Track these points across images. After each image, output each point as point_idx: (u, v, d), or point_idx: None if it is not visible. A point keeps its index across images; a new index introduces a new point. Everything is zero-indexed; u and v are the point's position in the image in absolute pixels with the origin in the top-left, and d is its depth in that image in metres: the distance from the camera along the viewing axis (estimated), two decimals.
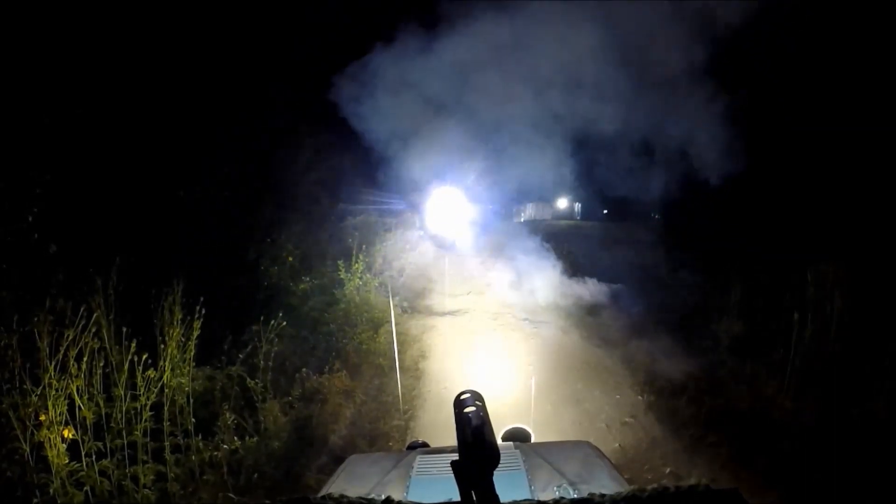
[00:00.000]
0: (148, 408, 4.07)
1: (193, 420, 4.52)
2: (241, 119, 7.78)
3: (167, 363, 4.27)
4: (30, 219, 4.61)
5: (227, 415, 4.81)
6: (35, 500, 3.48)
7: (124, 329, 3.99)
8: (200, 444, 4.53)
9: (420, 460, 2.28)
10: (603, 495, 0.87)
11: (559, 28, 7.97)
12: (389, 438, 5.95)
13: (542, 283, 12.13)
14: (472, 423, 0.97)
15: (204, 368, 5.17)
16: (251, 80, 8.23)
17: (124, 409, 3.97)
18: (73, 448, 3.70)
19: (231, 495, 4.43)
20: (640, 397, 6.66)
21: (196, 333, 4.51)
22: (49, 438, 3.53)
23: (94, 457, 3.79)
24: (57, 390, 3.58)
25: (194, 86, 7.18)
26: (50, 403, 3.54)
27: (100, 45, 6.17)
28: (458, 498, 0.89)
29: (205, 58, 7.38)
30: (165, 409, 4.26)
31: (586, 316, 10.27)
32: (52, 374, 3.55)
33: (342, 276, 8.71)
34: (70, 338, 3.62)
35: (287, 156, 9.20)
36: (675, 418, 6.06)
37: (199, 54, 7.29)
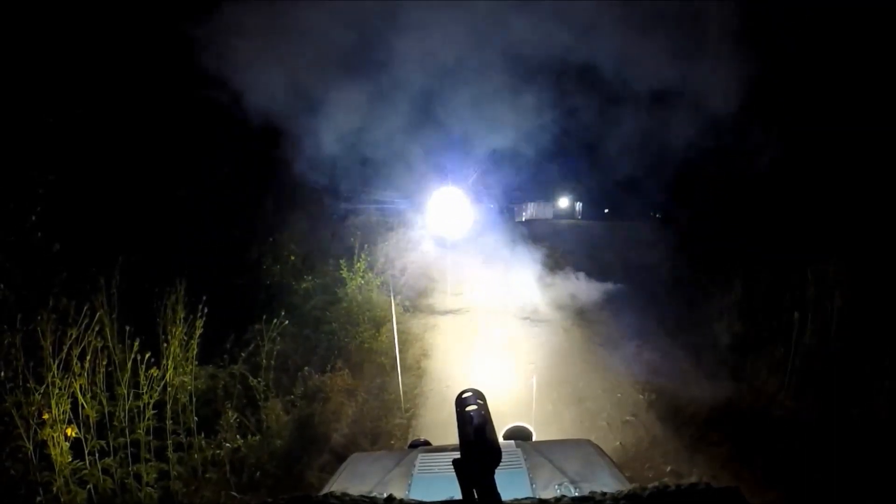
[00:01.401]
0: (151, 406, 4.09)
1: (196, 418, 4.54)
2: (242, 118, 7.77)
3: (170, 362, 4.29)
4: (33, 218, 4.61)
5: (230, 413, 4.83)
6: (38, 499, 3.49)
7: (127, 328, 4.01)
8: (203, 442, 4.55)
9: (422, 459, 2.29)
10: (604, 493, 0.88)
11: None
12: (391, 437, 5.97)
13: (543, 282, 12.15)
14: (473, 422, 0.98)
15: (206, 367, 5.18)
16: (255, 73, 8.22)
17: (127, 407, 3.98)
18: (76, 446, 3.72)
19: (233, 493, 4.45)
20: (640, 396, 6.67)
21: (198, 332, 4.53)
22: (52, 437, 3.55)
23: (97, 455, 3.81)
24: (60, 389, 3.59)
25: (196, 84, 7.18)
26: (53, 402, 3.56)
27: (100, 45, 6.18)
28: (459, 496, 0.89)
29: (206, 55, 7.38)
30: (168, 407, 4.28)
31: (587, 315, 10.27)
32: (56, 372, 3.57)
33: (344, 275, 8.72)
34: (73, 336, 3.63)
35: (289, 154, 9.19)
36: (676, 417, 6.07)
37: (201, 52, 7.29)
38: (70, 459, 3.64)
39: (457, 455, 0.91)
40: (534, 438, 3.09)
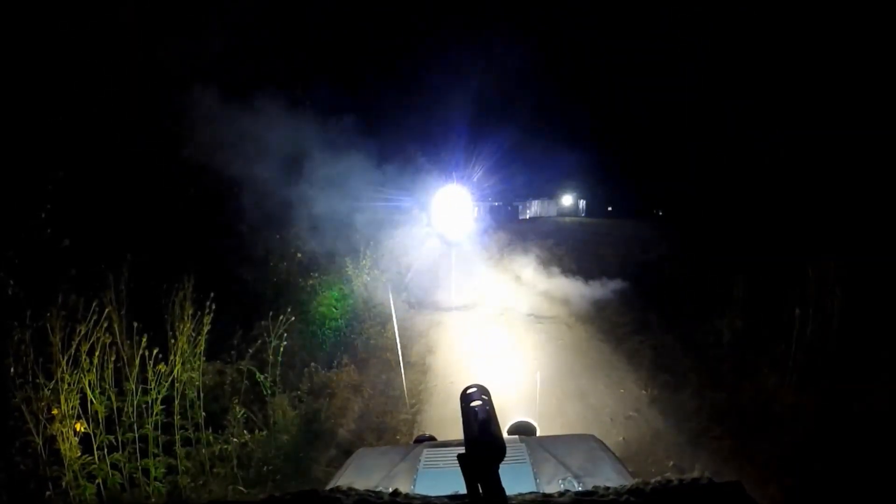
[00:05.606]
0: (159, 402, 4.12)
1: (203, 414, 4.57)
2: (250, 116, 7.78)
3: (178, 358, 4.31)
4: (42, 215, 4.65)
5: (237, 409, 4.86)
6: (48, 493, 3.54)
7: (135, 324, 4.03)
8: (211, 437, 4.58)
9: (427, 453, 2.31)
10: (607, 488, 0.89)
11: None
12: (397, 432, 6.00)
13: (546, 280, 12.18)
14: (478, 417, 0.99)
15: (214, 363, 5.22)
16: (261, 77, 8.22)
17: (135, 402, 4.02)
18: (84, 441, 3.76)
19: (241, 488, 4.48)
20: (643, 391, 6.68)
21: (206, 328, 4.55)
22: (61, 432, 3.59)
23: (105, 450, 3.84)
24: (69, 384, 3.63)
25: (200, 82, 7.19)
26: (62, 397, 3.60)
27: (104, 47, 6.20)
28: (464, 491, 0.90)
29: (211, 55, 7.38)
30: (176, 403, 4.31)
31: (590, 312, 10.28)
32: (65, 368, 3.60)
33: (350, 273, 8.74)
34: (82, 333, 3.66)
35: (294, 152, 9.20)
36: (679, 412, 6.08)
37: (205, 51, 7.30)
38: (79, 454, 3.68)
39: (461, 450, 0.92)
40: (538, 433, 3.10)
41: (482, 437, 0.94)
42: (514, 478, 1.90)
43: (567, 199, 38.91)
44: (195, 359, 4.52)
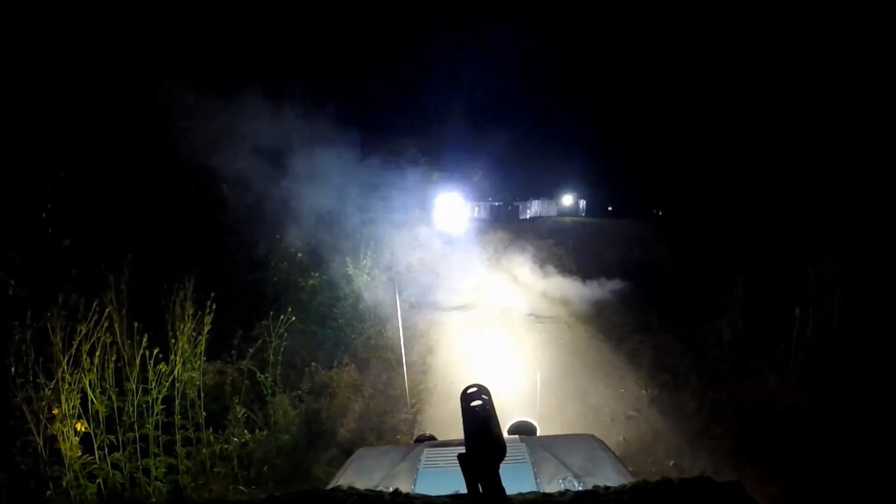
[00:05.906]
0: (159, 401, 4.11)
1: (204, 413, 4.56)
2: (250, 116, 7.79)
3: (178, 357, 4.31)
4: (43, 214, 4.65)
5: (238, 408, 4.86)
6: (48, 493, 3.53)
7: (136, 324, 4.02)
8: (211, 437, 4.57)
9: (427, 453, 2.31)
10: (607, 488, 0.89)
11: None
12: (397, 432, 6.00)
13: (545, 280, 12.17)
14: (478, 417, 1.00)
15: (215, 363, 5.23)
16: (262, 77, 8.22)
17: (136, 402, 4.01)
18: (85, 441, 3.75)
19: (241, 488, 4.48)
20: (643, 391, 6.69)
21: (207, 328, 4.55)
22: (62, 431, 3.58)
23: (106, 450, 3.84)
24: (70, 384, 3.62)
25: (203, 82, 7.19)
26: (63, 397, 3.59)
27: (104, 46, 6.20)
28: (464, 490, 0.90)
29: (213, 54, 7.39)
30: (177, 402, 4.31)
31: (590, 312, 10.28)
32: (65, 368, 3.59)
33: (350, 272, 8.74)
34: (83, 332, 3.66)
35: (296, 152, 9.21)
36: (679, 412, 6.09)
37: (209, 50, 7.30)
38: (79, 454, 3.67)
39: (462, 450, 0.93)
40: (538, 433, 3.11)
41: (482, 437, 0.94)
42: (515, 477, 1.90)
43: (567, 199, 38.96)
44: (196, 358, 4.52)
